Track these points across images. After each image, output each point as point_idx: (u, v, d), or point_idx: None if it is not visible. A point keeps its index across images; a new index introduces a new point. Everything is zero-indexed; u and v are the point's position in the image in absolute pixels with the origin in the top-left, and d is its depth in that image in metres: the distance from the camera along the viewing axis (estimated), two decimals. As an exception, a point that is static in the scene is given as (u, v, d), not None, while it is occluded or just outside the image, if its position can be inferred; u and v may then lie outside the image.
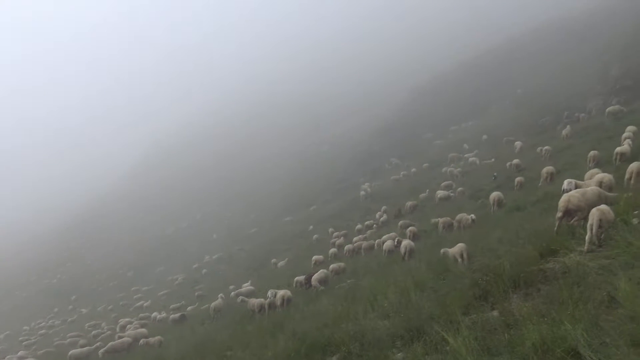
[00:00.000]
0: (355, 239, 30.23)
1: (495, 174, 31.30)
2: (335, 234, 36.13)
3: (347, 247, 28.49)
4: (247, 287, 29.77)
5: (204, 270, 50.11)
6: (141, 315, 37.29)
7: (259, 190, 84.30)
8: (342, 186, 62.45)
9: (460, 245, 13.10)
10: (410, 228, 24.03)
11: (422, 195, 35.68)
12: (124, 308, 46.28)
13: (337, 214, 47.67)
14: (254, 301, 21.87)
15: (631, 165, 13.32)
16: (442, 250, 14.03)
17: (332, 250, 30.03)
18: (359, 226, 35.17)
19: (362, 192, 48.45)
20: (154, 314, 35.34)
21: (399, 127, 74.68)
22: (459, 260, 12.37)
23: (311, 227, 46.37)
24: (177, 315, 30.04)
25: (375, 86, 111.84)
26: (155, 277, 58.53)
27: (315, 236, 40.68)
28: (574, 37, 64.26)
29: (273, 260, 38.60)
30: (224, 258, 52.73)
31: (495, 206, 21.29)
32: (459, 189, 31.56)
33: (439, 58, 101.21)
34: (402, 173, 50.99)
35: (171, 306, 36.64)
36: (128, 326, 32.69)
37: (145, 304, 42.74)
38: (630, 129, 22.65)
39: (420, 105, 79.15)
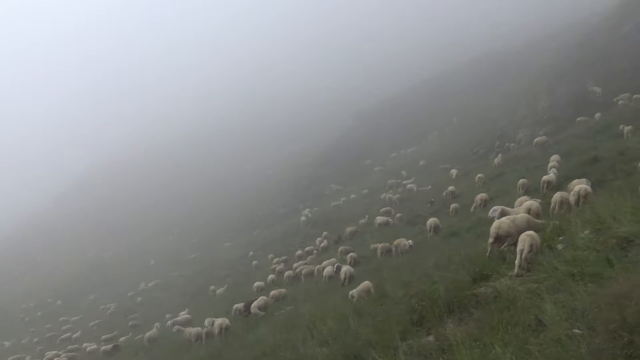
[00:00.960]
0: (295, 264, 30.13)
1: (431, 200, 32.18)
2: (276, 259, 35.88)
3: (287, 273, 28.34)
4: (184, 315, 28.94)
5: (139, 299, 48.29)
6: (69, 347, 35.30)
7: (201, 214, 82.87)
8: (284, 211, 62.36)
9: (366, 283, 14.48)
10: (350, 254, 24.23)
11: (362, 221, 36.09)
12: (51, 340, 43.70)
13: (278, 239, 47.43)
14: (191, 330, 21.27)
15: (555, 195, 14.21)
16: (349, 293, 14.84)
17: (271, 276, 29.78)
18: (299, 252, 35.07)
19: (303, 218, 48.49)
20: (84, 345, 33.59)
21: (341, 153, 75.70)
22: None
23: (251, 252, 45.86)
24: (109, 346, 28.70)
25: (321, 112, 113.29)
26: (87, 305, 55.85)
27: (255, 262, 40.24)
28: (508, 69, 67.74)
29: (212, 287, 37.76)
30: (161, 285, 51.11)
31: (432, 232, 21.82)
32: (398, 215, 32.16)
33: (381, 87, 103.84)
34: (342, 199, 51.50)
35: (103, 337, 34.95)
36: (55, 359, 30.90)
37: (74, 335, 40.52)
38: (554, 158, 24.04)
39: (361, 132, 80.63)
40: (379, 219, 32.39)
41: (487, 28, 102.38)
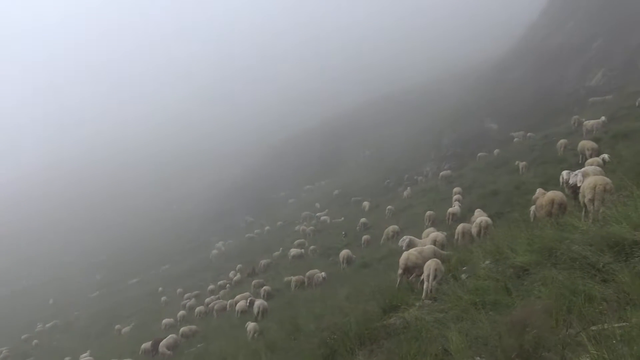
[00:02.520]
0: (207, 300, 29.26)
1: (343, 232, 32.71)
2: (187, 295, 34.67)
3: (198, 308, 27.43)
4: (85, 358, 27.05)
5: (35, 341, 44.50)
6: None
7: (105, 250, 78.52)
8: (195, 245, 60.73)
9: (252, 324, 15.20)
10: (264, 287, 23.95)
11: (276, 253, 35.91)
12: None
13: (189, 274, 45.96)
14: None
15: (458, 226, 14.99)
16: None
17: (181, 313, 28.66)
18: (211, 286, 34.13)
19: (215, 251, 47.44)
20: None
21: (255, 184, 75.39)
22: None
23: (160, 288, 43.97)
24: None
25: (234, 144, 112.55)
26: (-26, 352, 50.58)
27: (164, 298, 38.58)
28: (415, 106, 71.18)
29: (117, 327, 35.62)
30: (60, 326, 47.48)
31: (344, 263, 22.10)
32: (311, 247, 32.31)
33: (296, 119, 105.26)
34: (256, 231, 51.07)
35: (-8, 386, 31.83)
36: None
37: (-42, 386, 36.61)
38: (457, 190, 25.46)
39: (276, 164, 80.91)
40: (293, 251, 32.35)
41: (396, 68, 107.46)
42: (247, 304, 21.15)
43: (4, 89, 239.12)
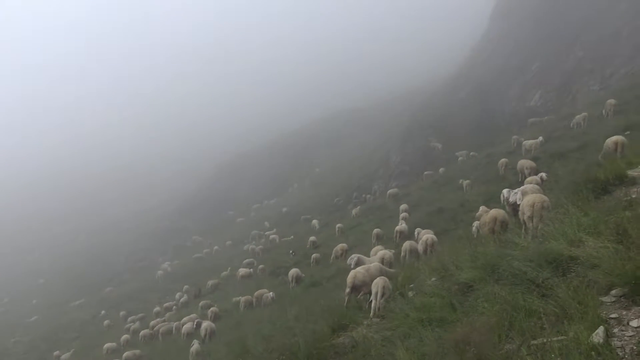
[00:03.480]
0: (152, 322, 28.38)
1: (292, 251, 32.60)
2: (131, 318, 33.50)
3: (142, 332, 26.55)
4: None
5: (-35, 373, 41.82)
6: None
7: (46, 271, 74.99)
8: (141, 265, 58.96)
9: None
10: (211, 308, 23.48)
11: (224, 273, 35.33)
12: None
13: (134, 296, 44.48)
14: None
15: (405, 244, 15.27)
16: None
17: (125, 337, 27.64)
18: (157, 308, 33.15)
19: (160, 272, 46.21)
20: None
21: (203, 203, 74.28)
22: None
23: (103, 311, 42.32)
24: None
25: (182, 164, 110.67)
26: None
27: (106, 321, 37.13)
28: (364, 126, 72.26)
29: (56, 353, 33.87)
30: (-5, 353, 44.79)
31: (294, 283, 21.97)
32: (260, 266, 31.98)
33: (244, 138, 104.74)
34: (204, 251, 50.17)
35: None
36: None
37: None
38: (404, 207, 25.90)
39: (224, 183, 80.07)
40: (242, 270, 31.93)
41: (345, 87, 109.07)
42: (194, 325, 20.67)
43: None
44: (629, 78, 34.10)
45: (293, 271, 22.53)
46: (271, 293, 21.08)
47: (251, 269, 32.23)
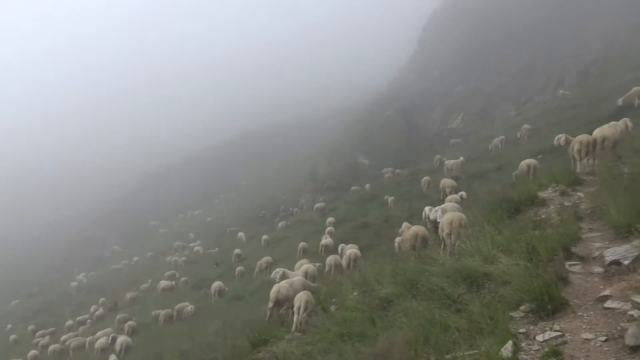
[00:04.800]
0: (64, 337, 26.80)
1: (216, 262, 32.03)
2: (40, 332, 31.42)
3: (52, 347, 25.00)
4: None
5: None
6: None
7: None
8: (55, 277, 55.73)
9: None
10: (128, 322, 22.52)
11: (144, 285, 34.08)
12: None
13: (45, 309, 41.85)
14: None
15: (329, 258, 15.42)
16: None
17: (32, 352, 25.90)
18: (70, 322, 31.34)
19: (74, 283, 43.88)
20: None
21: (124, 213, 71.55)
22: None
23: (10, 325, 39.48)
24: None
25: (104, 172, 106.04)
26: None
27: (13, 336, 34.62)
28: (293, 139, 72.50)
29: (-47, 372, 31.30)
30: None
31: (216, 296, 21.53)
32: (183, 278, 31.13)
33: (170, 149, 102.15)
34: (123, 262, 48.21)
35: None
36: None
37: None
38: (329, 221, 26.16)
39: (147, 193, 77.63)
40: (163, 283, 30.93)
41: (276, 102, 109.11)
42: (109, 340, 19.70)
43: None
44: (541, 106, 36.45)
45: (216, 284, 22.09)
46: (192, 306, 20.51)
47: (173, 282, 31.29)
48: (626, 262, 6.08)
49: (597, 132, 12.93)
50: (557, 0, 45.50)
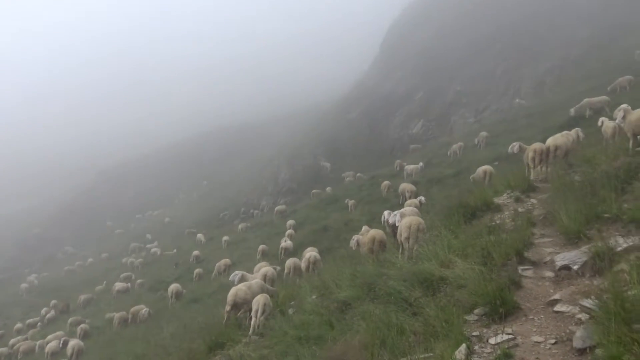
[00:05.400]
0: (12, 341, 25.82)
1: (176, 262, 31.56)
2: (-15, 336, 30.19)
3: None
4: None
5: None
6: None
7: None
8: (3, 277, 53.63)
9: None
10: (81, 325, 21.89)
11: (99, 287, 33.21)
12: None
13: (-8, 312, 40.24)
14: None
15: (288, 261, 15.46)
16: None
17: (-23, 358, 24.88)
18: (19, 325, 30.19)
19: (25, 285, 42.35)
20: None
21: (79, 212, 69.50)
22: None
23: (-47, 329, 37.78)
24: None
25: (57, 168, 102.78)
26: None
27: (-45, 341, 33.18)
28: (254, 141, 72.05)
29: None
30: None
31: (173, 298, 21.18)
32: (139, 280, 30.50)
33: (131, 144, 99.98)
34: (77, 263, 46.83)
35: None
36: None
37: None
38: (290, 224, 26.18)
39: (104, 191, 75.69)
40: (118, 285, 30.23)
41: (239, 102, 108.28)
42: (60, 344, 19.08)
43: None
44: (499, 113, 37.39)
45: (173, 286, 21.73)
46: (147, 309, 20.10)
47: (128, 284, 30.61)
48: (575, 267, 6.28)
49: (550, 141, 13.35)
50: (517, 10, 46.79)
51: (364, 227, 13.44)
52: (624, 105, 11.37)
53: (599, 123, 14.23)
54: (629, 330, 4.10)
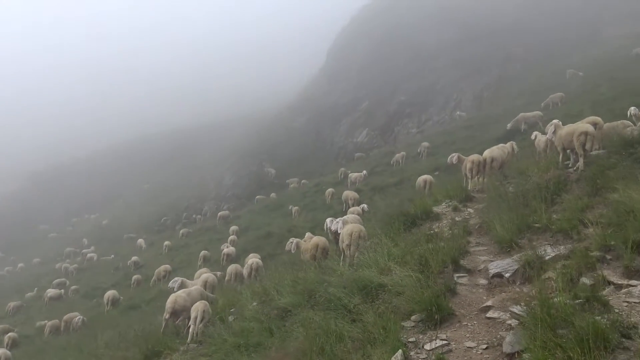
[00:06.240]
0: None
1: (116, 267, 30.67)
2: None
3: None
4: None
5: None
6: None
7: None
8: None
9: None
10: (9, 334, 20.75)
11: (29, 294, 31.62)
12: None
13: None
14: None
15: (230, 267, 15.42)
16: None
17: None
18: None
19: (-53, 292, 39.85)
20: None
21: (8, 215, 66.05)
22: None
23: None
24: None
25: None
26: None
27: None
28: (198, 145, 70.91)
29: None
30: None
31: (109, 305, 20.49)
32: (73, 287, 29.29)
33: (66, 146, 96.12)
34: (6, 268, 44.44)
35: None
36: None
37: None
38: (233, 230, 25.95)
39: (36, 193, 72.36)
40: (50, 291, 28.84)
41: (183, 106, 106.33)
42: (-17, 355, 18.04)
43: None
44: (440, 125, 38.52)
45: (109, 293, 21.02)
46: (81, 317, 19.32)
47: (62, 290, 29.29)
48: (507, 275, 6.55)
49: (487, 153, 13.88)
50: (458, 28, 48.44)
51: (307, 234, 13.48)
52: (555, 121, 11.95)
53: (533, 137, 14.92)
54: (554, 336, 4.31)
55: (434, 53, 47.91)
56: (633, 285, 5.26)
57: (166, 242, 31.06)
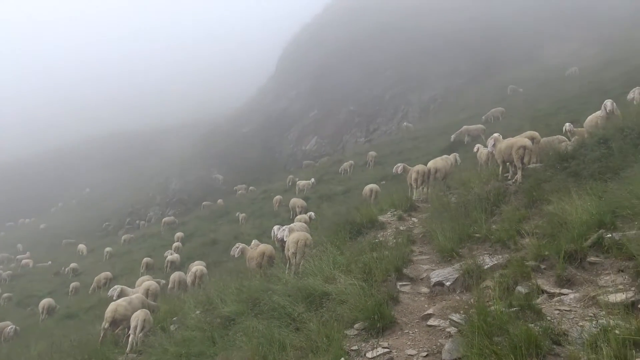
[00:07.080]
0: None
1: (55, 273, 29.53)
2: None
3: None
4: None
5: None
6: None
7: None
8: None
9: None
10: None
11: (-44, 302, 29.86)
12: None
13: None
14: None
15: (173, 274, 15.15)
16: None
17: None
18: None
19: None
20: None
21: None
22: None
23: None
24: None
25: None
26: None
27: None
28: (143, 149, 69.20)
29: None
30: None
31: (44, 314, 19.61)
32: (5, 294, 27.83)
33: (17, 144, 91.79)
34: None
35: None
36: None
37: None
38: (178, 235, 25.51)
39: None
40: (-20, 300, 27.38)
41: (128, 109, 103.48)
42: None
43: None
44: (387, 135, 39.22)
45: (45, 301, 20.11)
46: (14, 326, 18.40)
47: (-7, 299, 27.83)
48: (448, 283, 6.72)
49: (431, 164, 14.25)
50: (405, 43, 49.63)
51: (254, 241, 13.39)
52: (495, 134, 12.38)
53: (475, 149, 15.42)
54: (490, 343, 4.43)
55: (382, 66, 48.83)
56: (564, 294, 5.49)
57: (107, 249, 30.10)
